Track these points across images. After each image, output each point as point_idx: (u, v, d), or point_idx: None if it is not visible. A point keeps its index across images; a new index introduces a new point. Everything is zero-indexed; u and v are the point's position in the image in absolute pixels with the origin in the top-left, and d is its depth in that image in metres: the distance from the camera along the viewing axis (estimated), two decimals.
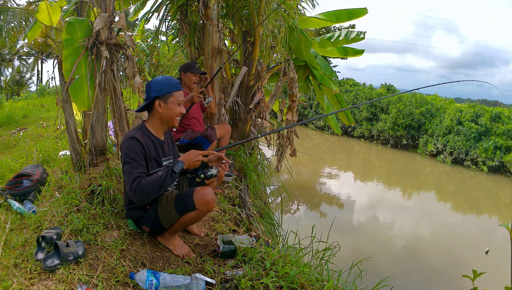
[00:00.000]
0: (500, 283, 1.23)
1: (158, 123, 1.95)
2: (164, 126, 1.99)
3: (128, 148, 1.81)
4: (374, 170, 11.33)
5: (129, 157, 1.79)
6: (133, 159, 1.79)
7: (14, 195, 2.42)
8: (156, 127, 1.96)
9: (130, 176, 1.74)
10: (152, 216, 1.95)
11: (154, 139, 1.94)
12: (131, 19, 5.22)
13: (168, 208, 1.89)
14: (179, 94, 1.91)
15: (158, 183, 1.72)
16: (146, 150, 1.85)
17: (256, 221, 2.94)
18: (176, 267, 1.88)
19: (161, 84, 1.88)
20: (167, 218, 1.91)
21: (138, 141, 1.82)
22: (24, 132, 5.33)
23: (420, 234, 6.35)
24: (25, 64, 27.29)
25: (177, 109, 1.91)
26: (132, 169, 1.76)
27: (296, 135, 5.27)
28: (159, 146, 1.96)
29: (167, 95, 1.88)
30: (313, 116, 16.83)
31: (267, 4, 3.77)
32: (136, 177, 1.74)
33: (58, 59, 2.44)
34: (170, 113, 1.90)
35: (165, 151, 2.02)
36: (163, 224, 1.95)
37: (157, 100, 1.88)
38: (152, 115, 1.95)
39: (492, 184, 10.41)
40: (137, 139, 1.83)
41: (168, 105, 1.88)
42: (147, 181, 1.73)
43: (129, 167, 1.77)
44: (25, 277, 1.58)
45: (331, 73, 5.20)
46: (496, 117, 11.89)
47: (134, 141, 1.82)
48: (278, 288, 1.73)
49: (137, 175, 1.74)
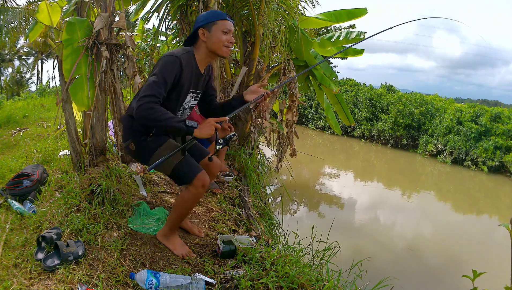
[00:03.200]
0: (500, 283, 1.23)
1: (204, 53, 1.90)
2: (210, 57, 1.93)
3: (166, 64, 1.74)
4: (374, 170, 11.33)
5: (161, 73, 1.72)
6: (163, 77, 1.72)
7: (14, 195, 2.42)
8: (201, 57, 1.91)
9: (149, 90, 1.67)
10: (148, 146, 1.88)
11: (195, 69, 1.89)
12: (132, 19, 5.22)
13: (170, 161, 1.81)
14: (224, 23, 1.85)
15: (163, 123, 1.65)
16: (182, 75, 1.79)
17: (256, 221, 2.94)
18: (176, 267, 1.88)
19: (204, 15, 1.87)
20: (162, 165, 1.81)
21: (180, 64, 1.76)
22: (24, 132, 5.33)
23: (420, 234, 6.35)
24: (25, 64, 27.33)
25: (222, 37, 1.84)
26: (156, 85, 1.70)
27: (296, 135, 5.28)
28: (195, 77, 1.92)
29: (210, 24, 1.83)
30: (313, 116, 16.85)
31: (267, 4, 3.78)
32: (153, 95, 1.67)
33: (58, 59, 2.44)
34: (215, 41, 1.84)
35: (198, 84, 1.98)
36: (150, 161, 1.87)
37: (200, 29, 1.84)
38: (198, 45, 1.90)
39: (492, 184, 10.41)
40: (180, 61, 1.76)
41: (211, 33, 1.84)
42: (159, 110, 1.66)
43: (154, 82, 1.70)
44: (25, 277, 1.58)
45: (331, 73, 5.21)
46: (496, 117, 11.89)
47: (177, 61, 1.76)
48: (278, 288, 1.73)
49: (155, 94, 1.67)
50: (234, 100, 2.06)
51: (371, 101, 14.96)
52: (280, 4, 4.16)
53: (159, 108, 1.67)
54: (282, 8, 4.19)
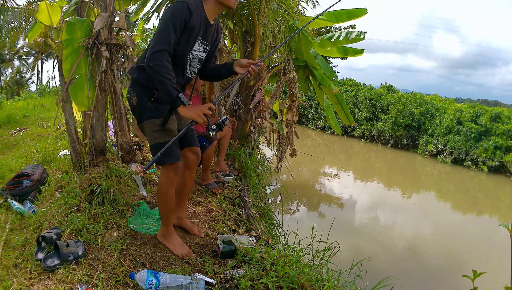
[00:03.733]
0: (500, 283, 1.23)
1: (212, 4, 1.86)
2: (218, 8, 1.90)
3: (175, 11, 1.70)
4: (374, 170, 11.33)
5: (172, 20, 1.68)
6: (173, 22, 1.68)
7: (14, 195, 2.42)
8: (210, 7, 1.87)
9: (161, 41, 1.66)
10: (146, 110, 1.87)
11: (204, 17, 1.84)
12: (132, 19, 5.22)
13: (155, 135, 1.86)
14: None
15: (164, 80, 1.64)
16: (191, 18, 1.74)
17: (256, 221, 2.94)
18: (176, 267, 1.88)
19: None
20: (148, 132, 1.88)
21: (188, 7, 1.72)
22: (24, 132, 5.33)
23: (420, 234, 6.35)
24: (25, 64, 27.31)
25: None
26: (167, 33, 1.67)
27: (296, 135, 5.27)
28: (204, 25, 1.87)
29: None
30: (313, 116, 16.85)
31: (267, 4, 3.78)
32: (164, 50, 1.66)
33: (58, 59, 2.44)
34: None
35: (207, 34, 1.93)
36: (141, 125, 1.91)
37: None
38: None
39: (492, 184, 10.41)
40: (188, 5, 1.72)
41: None
42: (166, 67, 1.65)
43: (165, 29, 1.68)
44: (25, 277, 1.58)
45: (331, 73, 5.21)
46: (496, 117, 11.88)
47: (185, 5, 1.71)
48: (278, 288, 1.73)
49: (166, 48, 1.66)
50: (224, 67, 2.03)
51: (371, 101, 14.96)
52: (280, 4, 4.15)
53: (167, 66, 1.66)
54: (282, 8, 4.19)
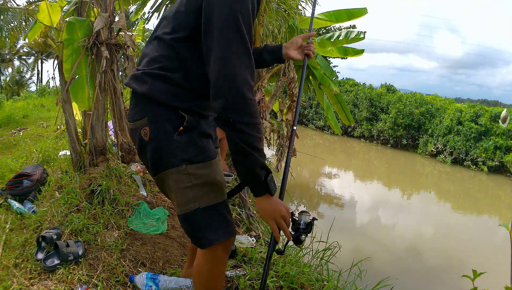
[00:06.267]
0: (500, 283, 1.23)
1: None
2: None
3: (241, 8, 0.98)
4: (374, 170, 11.33)
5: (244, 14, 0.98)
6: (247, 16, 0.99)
7: (14, 195, 2.42)
8: None
9: (243, 66, 0.97)
10: (173, 149, 1.07)
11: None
12: (132, 19, 5.22)
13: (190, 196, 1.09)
14: None
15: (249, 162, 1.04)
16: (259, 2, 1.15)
17: (256, 221, 2.94)
18: (176, 267, 1.88)
19: None
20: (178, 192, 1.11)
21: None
22: (24, 132, 5.33)
23: (420, 234, 6.35)
24: (25, 64, 27.29)
25: None
26: (244, 41, 0.97)
27: (296, 135, 5.27)
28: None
29: None
30: (313, 116, 16.85)
31: (267, 4, 3.78)
32: (249, 81, 0.97)
33: (58, 59, 2.45)
34: None
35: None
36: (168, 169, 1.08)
37: None
38: None
39: (492, 184, 10.41)
40: None
41: None
42: (259, 138, 1.02)
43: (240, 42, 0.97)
44: (25, 277, 1.58)
45: (331, 73, 5.20)
46: (496, 117, 11.89)
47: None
48: (278, 288, 1.73)
49: (250, 76, 0.98)
50: (266, 52, 1.39)
51: (371, 101, 14.96)
52: (280, 4, 4.16)
53: (257, 115, 1.01)
54: (282, 8, 4.20)
